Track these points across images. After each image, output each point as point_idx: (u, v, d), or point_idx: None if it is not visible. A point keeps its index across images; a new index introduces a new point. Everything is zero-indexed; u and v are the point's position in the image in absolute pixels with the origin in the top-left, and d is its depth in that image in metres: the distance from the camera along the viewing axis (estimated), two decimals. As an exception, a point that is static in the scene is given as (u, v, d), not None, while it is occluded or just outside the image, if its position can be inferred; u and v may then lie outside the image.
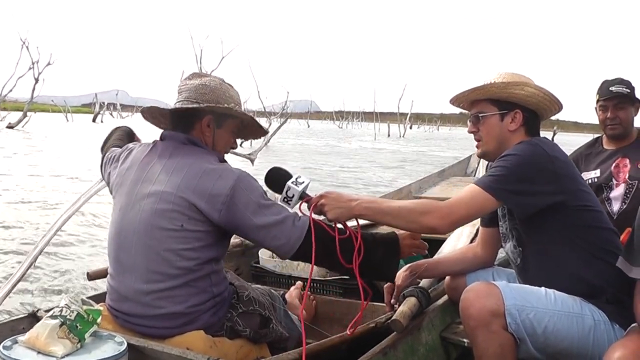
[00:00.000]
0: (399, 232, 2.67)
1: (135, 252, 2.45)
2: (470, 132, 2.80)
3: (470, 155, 8.80)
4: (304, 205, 2.61)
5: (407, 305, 2.76)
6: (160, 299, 2.41)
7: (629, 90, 3.93)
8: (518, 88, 2.65)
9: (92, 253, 7.13)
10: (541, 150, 2.55)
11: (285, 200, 2.61)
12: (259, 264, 3.96)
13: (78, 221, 8.45)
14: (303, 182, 2.61)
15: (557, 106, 2.75)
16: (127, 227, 2.50)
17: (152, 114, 2.78)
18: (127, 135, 3.17)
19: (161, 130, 2.74)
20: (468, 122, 2.81)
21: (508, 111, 2.69)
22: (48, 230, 3.65)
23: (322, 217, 2.59)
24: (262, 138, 3.63)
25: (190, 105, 2.56)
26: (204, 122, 2.59)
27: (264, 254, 4.00)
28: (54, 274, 6.20)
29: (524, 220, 2.65)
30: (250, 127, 2.81)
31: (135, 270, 2.45)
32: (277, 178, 2.65)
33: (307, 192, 2.62)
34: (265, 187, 2.63)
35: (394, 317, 2.65)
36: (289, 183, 2.59)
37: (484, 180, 2.54)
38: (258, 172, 2.75)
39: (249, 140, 31.04)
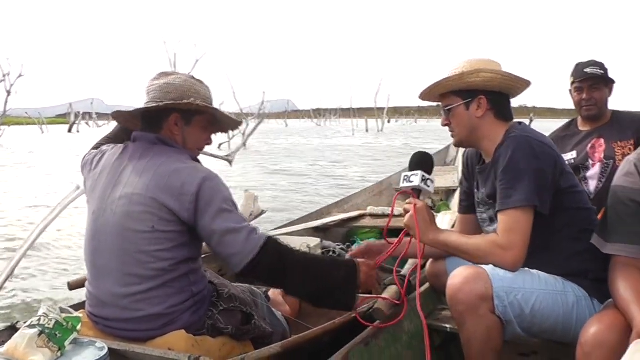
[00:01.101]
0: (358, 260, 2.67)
1: (110, 256, 2.46)
2: (443, 125, 2.83)
3: (449, 145, 8.84)
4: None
5: (388, 294, 2.78)
6: (138, 302, 2.41)
7: (602, 72, 3.99)
8: (473, 76, 2.67)
9: (72, 262, 7.08)
10: (536, 142, 2.57)
11: (425, 180, 2.74)
12: (242, 263, 3.95)
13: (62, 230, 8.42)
14: (429, 187, 2.74)
15: (523, 83, 2.75)
16: (100, 232, 2.50)
17: (125, 118, 2.78)
18: (122, 130, 3.08)
19: None
20: (441, 114, 2.84)
21: (472, 99, 2.71)
22: (25, 242, 3.64)
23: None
24: (240, 140, 3.62)
25: (151, 106, 2.54)
26: (171, 120, 2.57)
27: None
28: (33, 285, 6.18)
29: None
30: (223, 121, 2.78)
31: (112, 275, 2.45)
32: (426, 160, 2.80)
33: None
34: (235, 190, 2.64)
35: (375, 306, 2.68)
36: (432, 176, 2.77)
37: (515, 199, 2.50)
38: (236, 174, 2.75)
39: (227, 143, 30.98)
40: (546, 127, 2.75)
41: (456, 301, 2.48)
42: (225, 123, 2.81)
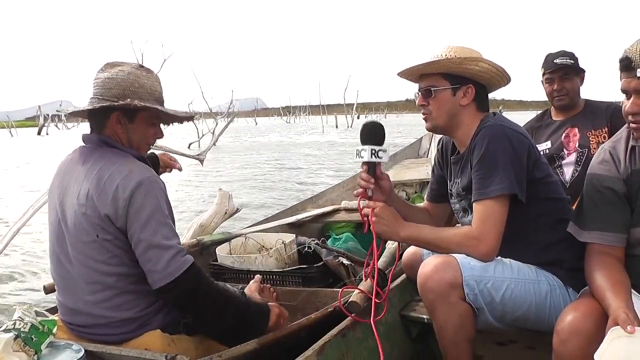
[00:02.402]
0: (272, 305, 2.66)
1: (71, 268, 2.43)
2: (419, 104, 2.75)
3: (421, 138, 8.85)
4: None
5: (363, 287, 2.79)
6: (107, 309, 2.39)
7: (572, 61, 4.00)
8: (473, 63, 2.64)
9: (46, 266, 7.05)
10: (511, 132, 2.56)
11: (374, 153, 2.68)
12: (217, 261, 3.95)
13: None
14: (382, 158, 2.69)
15: (506, 80, 2.76)
16: (59, 243, 2.47)
17: (73, 117, 2.73)
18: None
19: None
20: (416, 94, 2.78)
21: (460, 86, 2.68)
22: None
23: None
24: (210, 139, 3.58)
25: (87, 108, 2.45)
26: (113, 119, 2.47)
27: (221, 251, 4.00)
28: (8, 289, 6.13)
29: None
30: (169, 114, 2.63)
31: (77, 284, 2.42)
32: (377, 131, 2.71)
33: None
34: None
35: (350, 299, 2.67)
36: (384, 147, 2.70)
37: (490, 189, 2.49)
38: (209, 172, 2.73)
39: (197, 142, 30.81)
40: (515, 120, 2.75)
41: (426, 289, 2.48)
42: (174, 117, 2.70)
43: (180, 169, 3.29)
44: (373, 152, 2.67)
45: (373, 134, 2.69)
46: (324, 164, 20.36)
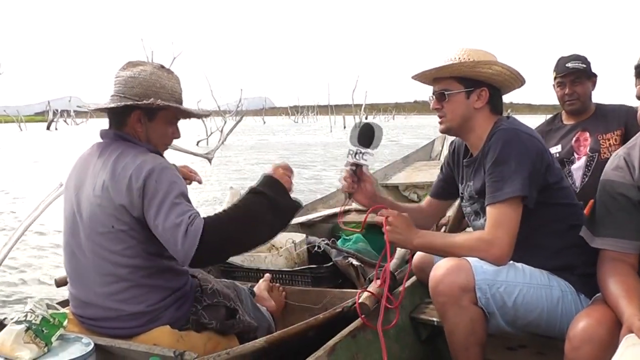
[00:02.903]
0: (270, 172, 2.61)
1: (85, 260, 2.44)
2: (433, 108, 2.75)
3: (434, 140, 8.83)
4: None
5: (371, 288, 2.78)
6: (119, 302, 2.40)
7: (584, 65, 3.97)
8: (486, 67, 2.63)
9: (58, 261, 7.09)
10: (525, 135, 2.56)
11: (359, 154, 2.75)
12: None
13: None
14: (367, 160, 2.73)
15: (521, 82, 2.75)
16: (74, 235, 2.49)
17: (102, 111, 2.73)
18: None
19: None
20: (430, 98, 2.77)
21: (474, 89, 2.67)
22: (9, 239, 3.63)
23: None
24: (219, 137, 3.57)
25: (110, 106, 2.50)
26: (133, 118, 2.52)
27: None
28: (20, 282, 6.15)
29: None
30: (189, 113, 2.69)
31: (90, 276, 2.44)
32: (370, 134, 2.76)
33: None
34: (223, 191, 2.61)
35: (359, 301, 2.67)
36: (370, 150, 2.75)
37: (504, 191, 2.48)
38: (219, 171, 2.74)
39: (206, 139, 30.85)
40: (525, 124, 2.75)
41: (438, 292, 2.48)
42: (192, 114, 2.73)
43: (200, 182, 3.31)
44: (358, 153, 2.72)
45: (362, 136, 2.74)
46: (334, 165, 20.31)
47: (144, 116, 2.52)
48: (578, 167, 3.98)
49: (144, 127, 2.53)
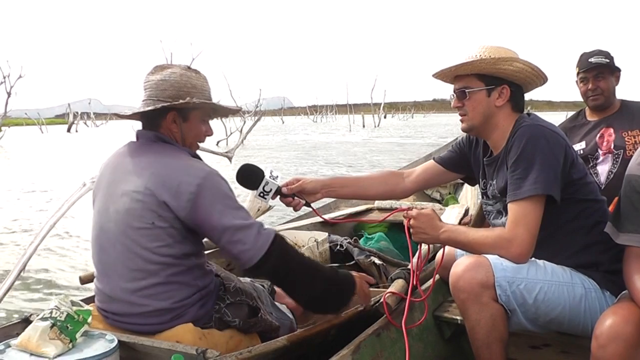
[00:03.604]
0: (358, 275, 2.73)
1: (115, 253, 2.47)
2: (454, 106, 2.75)
3: (457, 138, 8.78)
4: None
5: (395, 287, 2.78)
6: (144, 297, 2.42)
7: (608, 60, 3.94)
8: (507, 64, 2.62)
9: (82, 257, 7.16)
10: (549, 132, 2.54)
11: (262, 194, 2.74)
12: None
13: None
14: (277, 176, 2.74)
15: (543, 80, 2.73)
16: (105, 229, 2.51)
17: (130, 118, 2.77)
18: None
19: None
20: (451, 96, 2.77)
21: (495, 86, 2.66)
22: (35, 237, 3.68)
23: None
24: (238, 137, 3.60)
25: (146, 109, 2.54)
26: (169, 119, 2.56)
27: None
28: (45, 280, 6.21)
29: None
30: (221, 110, 2.79)
31: (118, 271, 2.46)
32: (249, 174, 2.75)
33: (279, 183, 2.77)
34: (236, 184, 2.65)
35: (381, 300, 2.66)
36: (267, 178, 2.72)
37: (525, 189, 2.48)
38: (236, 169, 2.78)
39: (225, 139, 30.96)
40: (546, 120, 2.74)
41: (458, 289, 2.48)
42: (224, 112, 2.84)
43: None
44: (261, 194, 2.79)
45: (247, 180, 2.80)
46: (355, 163, 20.29)
47: (178, 117, 2.57)
48: (603, 163, 3.95)
49: (179, 127, 2.59)
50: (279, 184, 2.78)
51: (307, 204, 2.94)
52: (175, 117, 2.56)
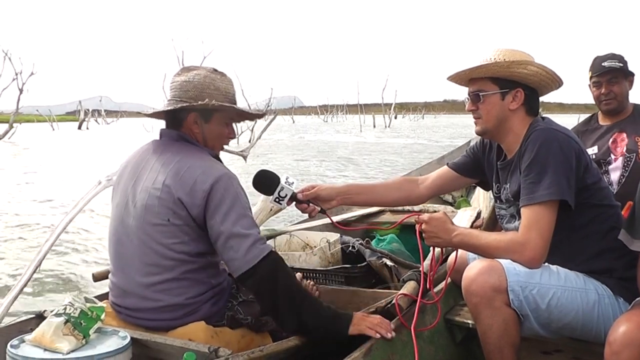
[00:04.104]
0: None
1: (131, 247, 2.50)
2: (468, 110, 2.74)
3: (469, 141, 8.77)
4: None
5: (406, 289, 2.77)
6: (158, 292, 2.45)
7: (621, 64, 3.91)
8: (521, 67, 2.61)
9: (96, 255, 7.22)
10: (563, 136, 2.53)
11: (277, 200, 2.74)
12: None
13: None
14: (293, 182, 2.75)
15: (558, 83, 2.71)
16: (123, 223, 2.54)
17: (153, 116, 2.81)
18: None
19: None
20: (465, 99, 2.76)
21: (509, 90, 2.65)
22: (51, 234, 3.71)
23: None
24: (249, 136, 3.60)
25: (168, 108, 2.58)
26: (190, 120, 2.60)
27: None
28: (60, 276, 6.29)
29: None
30: (245, 114, 2.80)
31: (133, 265, 2.49)
32: (265, 180, 2.75)
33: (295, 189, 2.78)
34: (251, 189, 2.66)
35: (393, 302, 2.66)
36: (282, 183, 2.73)
37: (539, 193, 2.46)
38: (251, 168, 2.81)
39: (236, 138, 31.04)
40: (560, 124, 2.74)
41: (470, 293, 2.48)
42: (247, 116, 2.85)
43: None
44: (277, 199, 2.77)
45: (263, 185, 2.78)
46: (369, 164, 20.26)
47: (200, 118, 2.60)
48: (615, 168, 3.92)
49: (201, 128, 2.62)
50: (295, 190, 2.79)
51: (323, 211, 2.95)
52: (196, 117, 2.60)
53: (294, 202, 2.85)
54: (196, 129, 2.61)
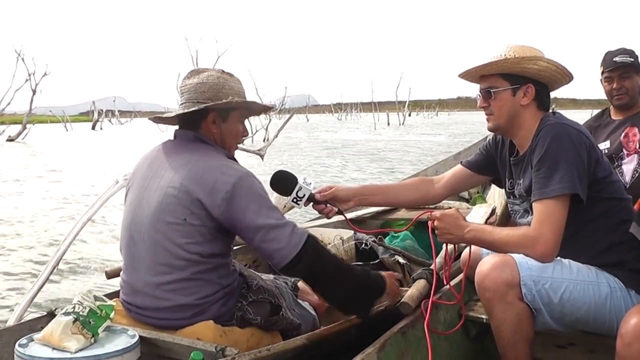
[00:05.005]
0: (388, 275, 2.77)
1: (143, 246, 2.49)
2: (480, 107, 2.76)
3: (486, 137, 8.73)
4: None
5: (416, 287, 2.77)
6: (168, 292, 2.45)
7: (632, 59, 3.91)
8: (531, 63, 2.61)
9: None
10: (573, 131, 2.54)
11: (295, 200, 2.77)
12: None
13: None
14: (311, 183, 2.78)
15: (568, 78, 2.72)
16: (136, 222, 2.55)
17: (163, 121, 2.83)
18: None
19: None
20: (477, 96, 2.78)
21: (520, 86, 2.66)
22: (68, 234, 3.76)
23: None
24: (264, 135, 3.60)
25: (191, 109, 2.58)
26: (209, 120, 2.61)
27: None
28: (75, 275, 6.40)
29: None
30: (256, 109, 2.85)
31: (145, 263, 2.49)
32: (282, 181, 2.77)
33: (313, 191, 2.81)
34: (269, 189, 2.68)
35: (402, 300, 2.66)
36: (300, 183, 2.76)
37: (551, 188, 2.47)
38: (267, 166, 2.82)
39: (251, 137, 31.12)
40: (571, 119, 2.75)
41: (483, 288, 2.48)
42: (258, 110, 2.88)
43: None
44: (295, 199, 2.79)
45: (280, 186, 2.80)
46: (382, 162, 20.27)
47: (218, 117, 2.62)
48: (628, 163, 3.91)
49: (219, 128, 2.64)
50: (312, 191, 2.82)
51: (340, 212, 2.97)
52: (215, 117, 2.61)
53: (312, 203, 2.87)
54: (215, 129, 2.63)
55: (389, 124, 64.93)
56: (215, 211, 2.40)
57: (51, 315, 2.51)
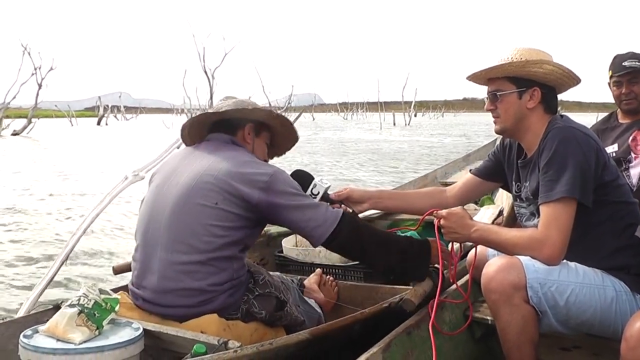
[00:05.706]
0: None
1: (165, 224, 2.54)
2: (487, 109, 2.76)
3: (496, 139, 8.75)
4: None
5: (420, 285, 2.77)
6: (180, 273, 2.48)
7: None
8: (537, 66, 2.62)
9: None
10: (581, 134, 2.53)
11: (310, 197, 2.82)
12: (282, 253, 3.98)
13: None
14: (327, 183, 2.88)
15: (575, 81, 2.72)
16: (160, 201, 2.61)
17: (193, 125, 2.87)
18: None
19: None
20: (485, 99, 2.79)
21: (526, 89, 2.66)
22: (77, 229, 3.78)
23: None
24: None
25: (241, 107, 2.74)
26: (246, 129, 2.79)
27: (287, 243, 4.01)
28: (83, 270, 6.43)
29: None
30: (281, 137, 2.97)
31: (161, 241, 2.53)
32: (299, 179, 2.82)
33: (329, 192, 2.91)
34: None
35: (405, 297, 2.65)
36: (316, 181, 2.87)
37: (557, 190, 2.47)
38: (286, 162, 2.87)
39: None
40: (578, 122, 2.75)
41: (489, 290, 2.48)
42: (283, 138, 3.00)
43: None
44: (310, 194, 2.86)
45: (299, 183, 2.81)
46: (392, 163, 20.26)
47: (253, 130, 2.81)
48: (635, 166, 3.89)
49: (252, 140, 2.82)
50: (327, 188, 2.91)
51: (354, 213, 3.03)
52: (250, 129, 2.80)
53: (327, 203, 2.89)
54: (249, 140, 2.80)
55: (394, 124, 64.80)
56: (254, 196, 2.52)
57: (57, 308, 2.53)
